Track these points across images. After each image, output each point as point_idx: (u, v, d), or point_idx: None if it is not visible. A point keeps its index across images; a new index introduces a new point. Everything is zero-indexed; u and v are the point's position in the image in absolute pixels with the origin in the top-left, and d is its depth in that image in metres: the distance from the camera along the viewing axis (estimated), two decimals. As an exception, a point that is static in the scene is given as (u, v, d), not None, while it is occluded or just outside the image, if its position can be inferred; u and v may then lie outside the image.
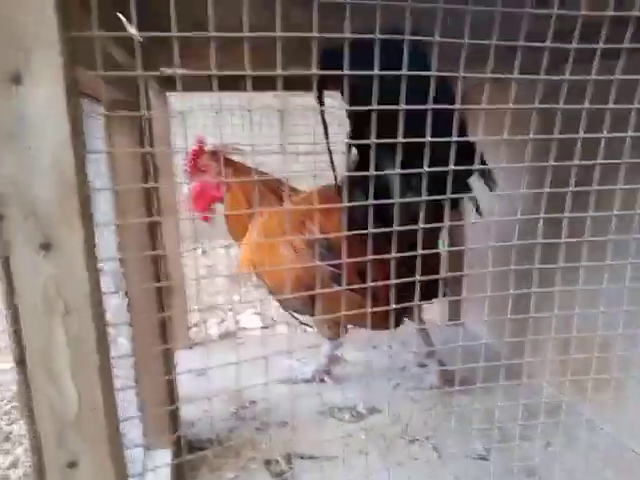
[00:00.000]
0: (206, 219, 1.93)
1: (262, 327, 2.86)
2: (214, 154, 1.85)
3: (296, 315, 1.93)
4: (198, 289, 3.04)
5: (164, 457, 1.44)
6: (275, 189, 1.89)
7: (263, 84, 0.81)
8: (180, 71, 0.66)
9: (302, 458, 1.53)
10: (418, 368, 2.03)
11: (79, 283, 0.60)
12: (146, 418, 1.45)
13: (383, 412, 1.77)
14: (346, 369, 2.09)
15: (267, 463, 1.53)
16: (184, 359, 2.21)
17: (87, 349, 0.61)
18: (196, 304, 3.02)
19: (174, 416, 1.58)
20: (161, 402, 1.45)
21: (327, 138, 1.41)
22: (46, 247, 0.58)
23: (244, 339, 2.60)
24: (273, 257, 1.82)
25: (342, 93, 1.34)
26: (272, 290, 1.86)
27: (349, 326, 1.92)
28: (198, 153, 1.86)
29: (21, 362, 0.63)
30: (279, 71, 0.70)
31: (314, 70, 0.76)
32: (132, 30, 1.15)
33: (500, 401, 1.14)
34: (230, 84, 0.87)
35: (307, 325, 2.09)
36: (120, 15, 0.95)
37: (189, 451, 1.61)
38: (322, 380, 1.99)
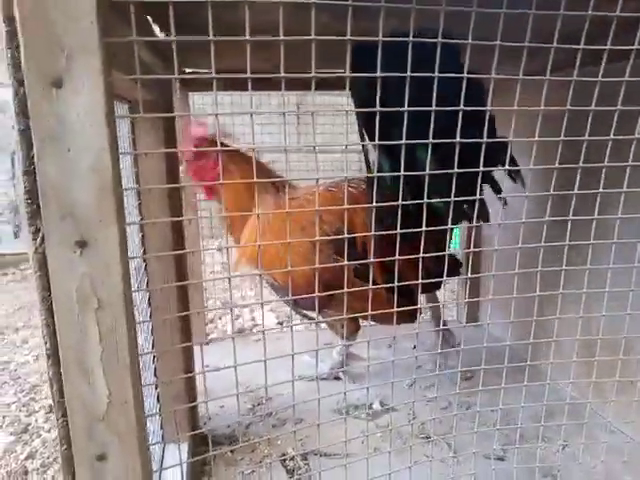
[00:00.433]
0: (210, 195, 1.92)
1: (278, 323, 2.88)
2: (215, 142, 1.72)
3: (308, 314, 1.91)
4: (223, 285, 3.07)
5: (181, 451, 1.46)
6: (277, 184, 1.86)
7: (292, 84, 0.83)
8: (215, 74, 0.67)
9: (318, 455, 1.55)
10: (435, 366, 2.03)
11: (113, 280, 0.61)
12: (165, 412, 1.47)
13: (399, 410, 1.78)
14: (361, 366, 2.09)
15: (283, 459, 1.55)
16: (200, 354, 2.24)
17: (119, 344, 0.63)
18: (212, 300, 3.05)
19: (193, 411, 1.60)
20: (180, 397, 1.48)
21: (362, 137, 1.40)
22: (82, 245, 0.60)
23: (260, 336, 2.61)
24: (286, 254, 1.76)
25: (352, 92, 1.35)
26: (285, 289, 1.81)
27: (366, 323, 1.93)
28: (200, 140, 1.77)
29: (54, 355, 0.64)
30: (312, 72, 0.70)
31: (346, 70, 0.76)
32: (160, 34, 1.17)
33: (519, 401, 1.14)
34: (259, 84, 0.87)
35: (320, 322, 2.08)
36: (149, 18, 0.97)
37: (206, 446, 1.64)
38: (337, 377, 2.00)
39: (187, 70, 2.01)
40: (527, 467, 1.44)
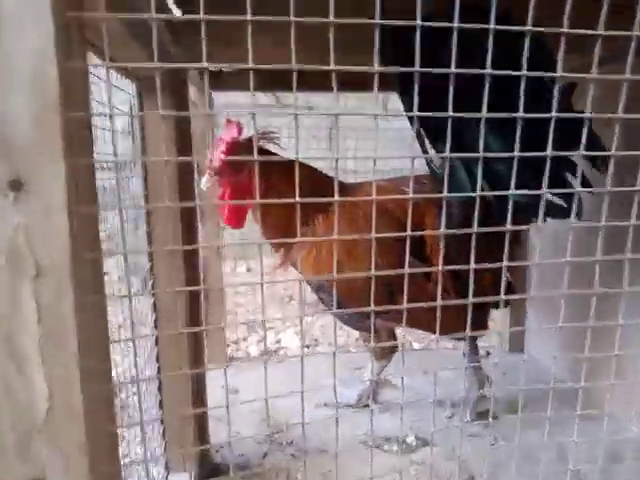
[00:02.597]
0: (236, 220, 1.52)
1: (304, 346, 2.69)
2: (250, 146, 1.53)
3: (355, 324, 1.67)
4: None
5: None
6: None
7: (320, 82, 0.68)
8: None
9: (342, 493, 1.34)
10: (474, 397, 1.80)
11: (57, 236, 0.45)
12: (169, 436, 1.29)
13: (437, 445, 1.55)
14: (394, 395, 1.88)
15: (302, 496, 1.35)
16: (218, 377, 2.06)
17: (65, 326, 0.46)
18: (236, 320, 2.88)
19: (202, 436, 1.42)
20: (187, 419, 1.30)
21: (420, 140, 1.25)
22: (16, 187, 0.44)
23: (283, 358, 2.43)
24: (355, 259, 1.49)
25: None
26: (343, 299, 1.53)
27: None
28: (233, 145, 1.41)
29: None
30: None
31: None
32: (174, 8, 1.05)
33: (575, 439, 0.93)
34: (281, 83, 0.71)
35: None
36: None
37: (215, 475, 1.45)
38: (367, 405, 1.79)
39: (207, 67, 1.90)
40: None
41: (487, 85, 0.67)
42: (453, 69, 0.64)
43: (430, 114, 0.68)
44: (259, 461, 1.50)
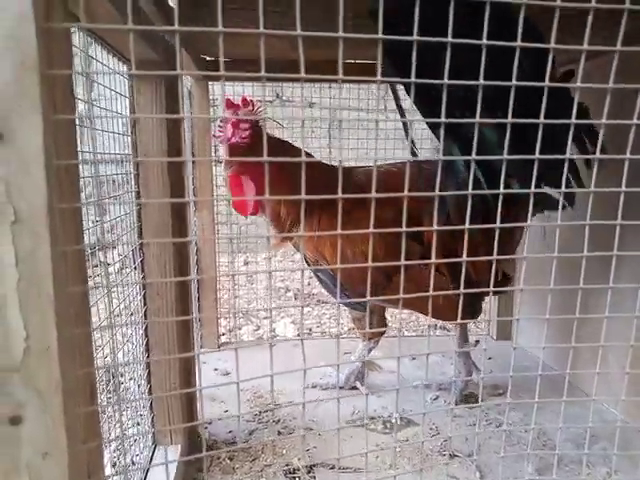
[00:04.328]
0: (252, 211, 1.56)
1: (298, 335, 2.72)
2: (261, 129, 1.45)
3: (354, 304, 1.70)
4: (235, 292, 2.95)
5: (172, 453, 1.31)
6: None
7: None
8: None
9: (325, 467, 1.37)
10: (461, 383, 1.83)
11: (35, 186, 0.48)
12: (157, 409, 1.32)
13: (420, 425, 1.59)
14: (381, 378, 1.92)
15: (286, 470, 1.38)
16: (211, 359, 2.09)
17: (41, 273, 0.49)
18: (233, 311, 2.90)
19: (190, 412, 1.45)
20: (174, 394, 1.33)
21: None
22: (-4, 138, 0.47)
23: (276, 344, 2.46)
24: (354, 241, 1.54)
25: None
26: (342, 280, 1.52)
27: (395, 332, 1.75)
28: (252, 123, 1.45)
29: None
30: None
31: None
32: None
33: (555, 421, 0.95)
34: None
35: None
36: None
37: (201, 450, 1.48)
38: (354, 387, 1.83)
39: (207, 58, 1.92)
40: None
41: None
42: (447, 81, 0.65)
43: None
44: (246, 438, 1.53)
